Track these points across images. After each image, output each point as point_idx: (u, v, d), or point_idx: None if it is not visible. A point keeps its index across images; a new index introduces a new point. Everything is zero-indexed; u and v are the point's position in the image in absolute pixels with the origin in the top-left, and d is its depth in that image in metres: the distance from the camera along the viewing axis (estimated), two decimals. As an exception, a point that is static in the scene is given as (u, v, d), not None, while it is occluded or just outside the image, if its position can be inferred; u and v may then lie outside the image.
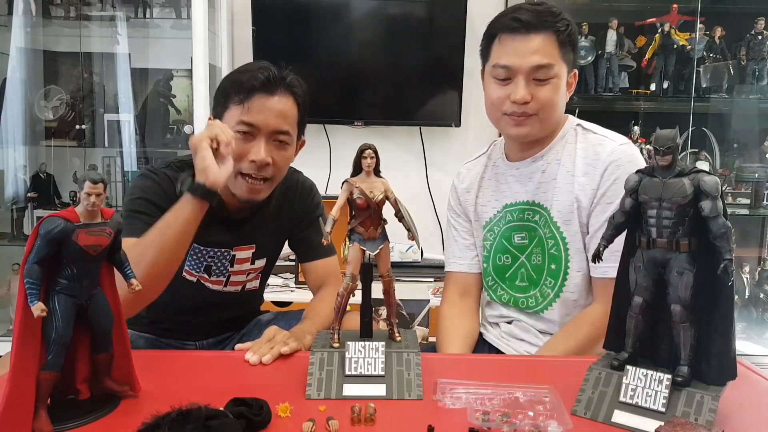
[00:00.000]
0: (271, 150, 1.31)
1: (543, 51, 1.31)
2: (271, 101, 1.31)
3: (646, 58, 2.81)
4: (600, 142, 1.37)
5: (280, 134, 1.33)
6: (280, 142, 1.33)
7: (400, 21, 2.79)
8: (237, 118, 1.30)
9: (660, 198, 0.86)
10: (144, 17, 2.70)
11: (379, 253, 1.02)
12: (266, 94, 1.31)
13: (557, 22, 1.32)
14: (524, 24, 1.31)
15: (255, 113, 1.29)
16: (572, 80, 1.41)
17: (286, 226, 1.53)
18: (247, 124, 1.29)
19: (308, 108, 1.42)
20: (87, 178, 0.81)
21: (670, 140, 0.85)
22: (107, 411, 0.89)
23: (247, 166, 1.30)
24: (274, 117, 1.31)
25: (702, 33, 2.76)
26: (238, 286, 1.49)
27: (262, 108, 1.30)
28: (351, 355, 0.99)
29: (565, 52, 1.34)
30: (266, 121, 1.30)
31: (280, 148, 1.34)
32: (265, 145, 1.30)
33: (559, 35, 1.32)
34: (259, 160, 1.29)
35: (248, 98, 1.29)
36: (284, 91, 1.34)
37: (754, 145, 2.87)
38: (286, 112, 1.34)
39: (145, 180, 1.35)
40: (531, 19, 1.31)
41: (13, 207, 2.76)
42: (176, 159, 1.40)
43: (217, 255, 1.41)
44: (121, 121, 2.78)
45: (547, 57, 1.31)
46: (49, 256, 0.80)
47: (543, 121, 1.36)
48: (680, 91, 2.82)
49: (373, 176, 1.01)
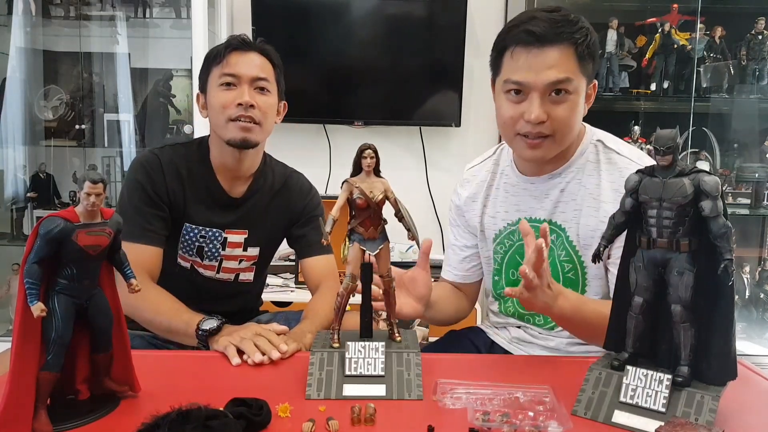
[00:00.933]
0: (253, 95, 1.44)
1: (559, 65, 1.20)
2: (247, 56, 1.46)
3: (647, 57, 2.81)
4: (627, 166, 1.25)
5: (260, 80, 1.46)
6: (261, 89, 1.46)
7: (400, 21, 2.78)
8: (219, 73, 1.45)
9: (660, 198, 0.86)
10: (144, 17, 2.70)
11: (379, 253, 1.02)
12: (242, 51, 1.46)
13: (575, 33, 1.20)
14: (538, 37, 1.19)
15: (233, 65, 1.44)
16: (591, 92, 1.30)
17: (281, 219, 1.57)
18: (227, 75, 1.44)
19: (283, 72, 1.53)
20: (87, 178, 0.81)
21: (670, 140, 0.85)
22: (107, 411, 0.89)
23: (234, 110, 1.42)
24: (252, 66, 1.45)
25: (702, 33, 2.76)
26: (231, 274, 1.54)
27: (238, 61, 1.45)
28: (351, 355, 0.99)
29: (584, 64, 1.23)
30: (245, 70, 1.44)
31: (261, 94, 1.46)
32: (248, 90, 1.44)
33: (578, 47, 1.21)
34: (244, 101, 1.42)
35: (226, 55, 1.45)
36: (258, 51, 1.48)
37: (754, 145, 2.87)
38: (262, 65, 1.47)
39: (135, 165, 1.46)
40: (546, 31, 1.19)
41: (13, 207, 2.76)
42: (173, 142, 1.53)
43: (209, 235, 1.49)
44: (120, 121, 2.77)
45: (564, 71, 1.20)
46: (48, 256, 0.80)
47: (559, 142, 1.26)
48: (680, 91, 2.81)
49: (373, 176, 1.01)
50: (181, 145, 1.53)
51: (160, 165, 1.46)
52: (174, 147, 1.51)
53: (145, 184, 1.43)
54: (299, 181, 1.62)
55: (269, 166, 1.59)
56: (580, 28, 1.22)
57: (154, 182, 1.44)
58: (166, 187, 1.45)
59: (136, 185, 1.44)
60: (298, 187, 1.60)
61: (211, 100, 1.47)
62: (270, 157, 1.62)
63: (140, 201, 1.43)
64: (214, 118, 1.47)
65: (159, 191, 1.44)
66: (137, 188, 1.43)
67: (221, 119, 1.44)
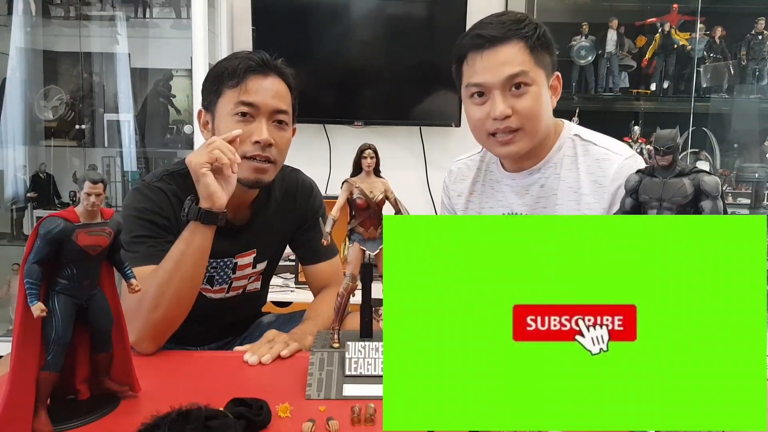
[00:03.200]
0: (271, 130, 1.30)
1: (513, 61, 1.25)
2: (266, 82, 1.31)
3: (647, 58, 2.81)
4: (605, 157, 1.31)
5: (279, 113, 1.31)
6: (279, 123, 1.32)
7: (400, 21, 2.78)
8: (235, 100, 1.28)
9: (660, 198, 0.86)
10: (144, 17, 2.70)
11: (379, 253, 1.02)
12: (261, 75, 1.30)
13: (522, 29, 1.26)
14: (488, 39, 1.26)
15: (253, 93, 1.28)
16: (556, 83, 1.35)
17: (287, 227, 1.50)
18: (246, 104, 1.28)
19: (298, 96, 1.40)
20: (87, 178, 0.81)
21: (670, 140, 0.85)
22: (107, 411, 0.89)
23: (250, 148, 1.27)
24: (272, 97, 1.30)
25: (702, 33, 2.76)
26: (240, 290, 1.47)
27: (258, 88, 1.29)
28: (351, 355, 0.99)
29: (538, 56, 1.28)
30: (265, 101, 1.29)
31: (279, 129, 1.32)
32: (267, 125, 1.29)
33: (528, 40, 1.26)
34: (263, 140, 1.27)
35: (244, 80, 1.28)
36: (276, 74, 1.33)
37: (754, 145, 2.87)
38: (282, 93, 1.33)
39: (140, 198, 1.30)
40: (494, 32, 1.26)
41: (13, 207, 2.76)
42: (167, 170, 1.36)
43: (220, 265, 1.38)
44: (120, 121, 2.77)
45: (519, 65, 1.25)
46: (49, 256, 0.80)
47: (530, 135, 1.30)
48: (680, 91, 2.81)
49: (373, 176, 1.01)
50: (179, 175, 1.33)
51: (166, 197, 1.30)
52: (173, 177, 1.33)
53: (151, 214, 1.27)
54: (300, 182, 1.52)
55: None
56: (528, 24, 1.28)
57: (162, 213, 1.29)
58: (176, 220, 1.28)
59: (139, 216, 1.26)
60: (301, 189, 1.51)
61: (222, 127, 1.29)
62: None
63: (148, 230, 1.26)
64: None
65: (167, 224, 1.29)
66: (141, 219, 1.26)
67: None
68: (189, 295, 1.20)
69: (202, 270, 1.22)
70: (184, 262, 1.17)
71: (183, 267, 1.17)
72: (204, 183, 1.16)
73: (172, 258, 1.18)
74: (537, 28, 1.28)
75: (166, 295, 1.15)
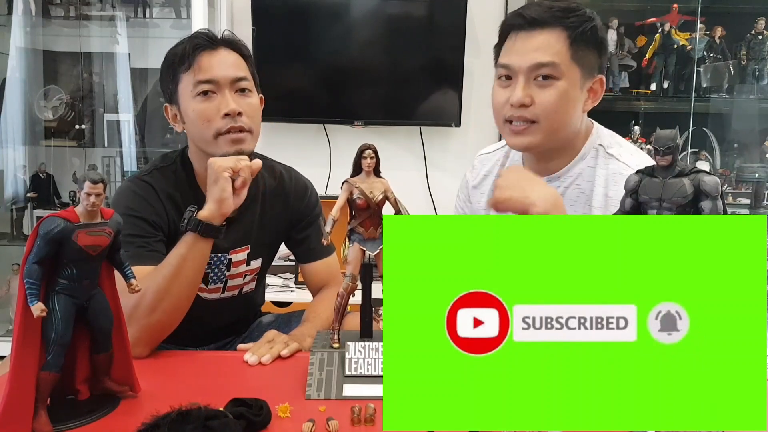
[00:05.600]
0: (236, 100, 1.28)
1: (546, 48, 1.18)
2: (217, 55, 1.29)
3: (647, 58, 2.81)
4: (621, 171, 1.23)
5: (239, 81, 1.30)
6: (242, 91, 1.30)
7: (400, 21, 2.78)
8: (192, 81, 1.27)
9: (660, 198, 0.86)
10: (144, 17, 2.70)
11: (379, 253, 1.02)
12: (210, 50, 1.29)
13: (568, 18, 1.19)
14: (528, 20, 1.20)
15: (207, 69, 1.27)
16: (598, 87, 1.26)
17: (281, 225, 1.49)
18: (204, 81, 1.27)
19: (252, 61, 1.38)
20: (87, 178, 0.81)
21: (670, 140, 0.85)
22: (107, 411, 0.89)
23: (222, 123, 1.26)
24: (227, 67, 1.29)
25: (702, 33, 2.76)
26: (236, 290, 1.45)
27: (211, 63, 1.28)
28: (351, 355, 0.99)
29: (578, 52, 1.20)
30: (222, 73, 1.28)
31: (244, 97, 1.31)
32: (230, 95, 1.28)
33: (571, 31, 1.18)
34: (231, 110, 1.26)
35: (195, 59, 1.27)
36: (225, 46, 1.32)
37: (754, 145, 2.87)
38: (236, 62, 1.31)
39: (130, 196, 1.29)
40: (536, 14, 1.19)
41: (13, 207, 2.76)
42: (156, 165, 1.36)
43: (213, 261, 1.37)
44: (120, 121, 2.77)
45: (551, 55, 1.18)
46: (48, 256, 0.80)
47: (547, 132, 1.22)
48: (680, 91, 2.82)
49: (373, 176, 1.01)
50: (168, 168, 1.35)
51: (155, 193, 1.30)
52: (162, 171, 1.34)
53: (141, 212, 1.27)
54: (294, 179, 1.50)
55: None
56: (578, 15, 1.20)
57: (152, 210, 1.28)
58: (166, 217, 1.30)
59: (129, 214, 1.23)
60: (294, 187, 1.49)
61: (189, 112, 1.29)
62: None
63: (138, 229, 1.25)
64: (197, 134, 1.30)
65: (158, 221, 1.28)
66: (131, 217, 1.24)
67: (207, 134, 1.28)
68: (186, 301, 1.20)
69: (200, 277, 1.23)
70: (183, 272, 1.17)
71: (182, 275, 1.17)
72: (221, 186, 1.16)
73: (171, 265, 1.17)
74: (586, 21, 1.20)
75: (164, 302, 1.15)
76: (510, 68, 1.22)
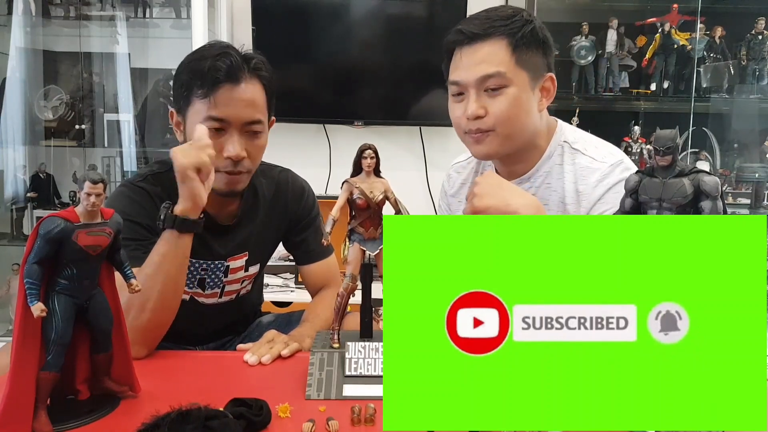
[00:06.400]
0: (244, 142, 1.24)
1: (490, 59, 1.21)
2: (237, 91, 1.22)
3: (647, 58, 2.81)
4: (588, 165, 1.27)
5: (252, 124, 1.25)
6: (253, 133, 1.26)
7: (400, 21, 2.78)
8: (204, 114, 1.21)
9: (660, 198, 0.86)
10: (144, 17, 2.70)
11: (379, 253, 1.02)
12: (231, 83, 1.21)
13: (508, 25, 1.21)
14: (468, 35, 1.22)
15: (223, 107, 1.21)
16: (549, 84, 1.28)
17: (279, 229, 1.48)
18: (216, 119, 1.21)
19: (275, 87, 1.32)
20: (87, 178, 0.81)
21: (670, 140, 0.85)
22: (107, 411, 0.89)
23: (222, 162, 1.23)
24: (244, 108, 1.23)
25: (702, 33, 2.76)
26: (233, 295, 1.45)
27: (229, 100, 1.21)
28: (351, 355, 0.99)
29: (522, 56, 1.22)
30: (236, 114, 1.22)
31: (253, 139, 1.26)
32: (238, 138, 1.23)
33: (511, 38, 1.21)
34: (234, 156, 1.23)
35: (213, 91, 1.20)
36: (250, 77, 1.24)
37: (754, 145, 2.87)
38: (255, 100, 1.25)
39: (124, 201, 1.27)
40: (475, 28, 1.22)
41: (13, 207, 2.76)
42: (152, 170, 1.34)
43: (211, 267, 1.36)
44: (120, 121, 2.77)
45: (495, 65, 1.20)
46: (48, 256, 0.80)
47: (504, 138, 1.25)
48: (680, 91, 2.82)
49: (373, 176, 1.01)
50: (164, 174, 1.30)
51: (150, 198, 1.28)
52: (157, 177, 1.31)
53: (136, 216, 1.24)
54: (291, 182, 1.48)
55: (255, 175, 1.39)
56: (516, 21, 1.22)
57: (146, 215, 1.26)
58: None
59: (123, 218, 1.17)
60: (291, 190, 1.47)
61: (192, 135, 1.22)
62: None
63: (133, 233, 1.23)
64: None
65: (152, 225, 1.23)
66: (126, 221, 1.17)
67: None
68: (174, 299, 1.18)
69: (184, 272, 1.20)
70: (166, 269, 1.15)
71: (164, 273, 1.14)
72: (189, 186, 1.12)
73: (153, 263, 1.15)
74: (525, 25, 1.22)
75: (151, 301, 1.13)
76: (460, 84, 1.26)
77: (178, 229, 1.14)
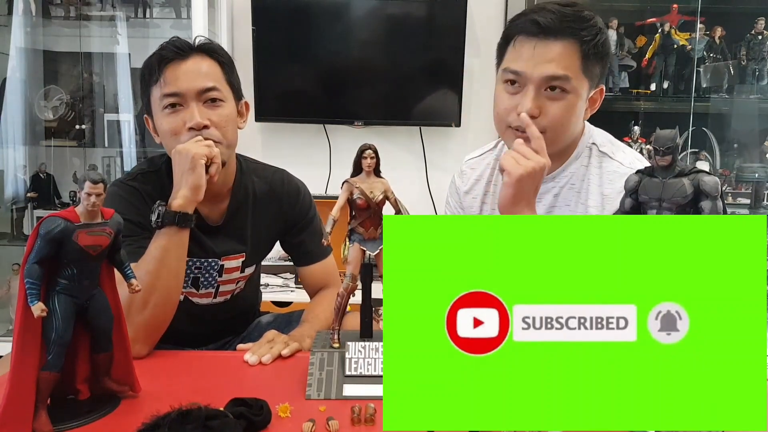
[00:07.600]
0: (204, 112, 1.24)
1: (560, 60, 1.16)
2: (185, 65, 1.24)
3: (646, 58, 2.81)
4: (616, 170, 1.24)
5: (208, 91, 1.24)
6: (212, 101, 1.25)
7: (400, 21, 2.78)
8: (159, 95, 1.23)
9: (660, 198, 0.86)
10: (144, 17, 2.70)
11: (379, 253, 1.02)
12: (178, 60, 1.24)
13: (583, 30, 1.16)
14: (543, 28, 1.15)
15: (172, 82, 1.23)
16: (597, 97, 1.26)
17: (274, 229, 1.47)
18: (169, 95, 1.23)
19: (234, 67, 1.32)
20: (87, 178, 0.81)
21: (670, 140, 0.85)
22: (107, 411, 0.89)
23: (186, 136, 1.22)
24: (195, 77, 1.24)
25: (702, 33, 2.76)
26: (228, 295, 1.45)
27: (177, 75, 1.23)
28: (351, 355, 0.99)
29: (588, 65, 1.18)
30: (187, 85, 1.23)
31: (214, 107, 1.25)
32: (197, 107, 1.23)
33: (584, 45, 1.16)
34: (195, 124, 1.22)
35: (161, 72, 1.23)
36: (197, 54, 1.26)
37: (754, 145, 2.87)
38: (206, 71, 1.26)
39: (116, 200, 1.25)
40: (552, 23, 1.15)
41: (13, 207, 2.76)
42: (142, 169, 1.35)
43: (204, 266, 1.36)
44: (121, 121, 2.77)
45: (564, 68, 1.16)
46: (49, 256, 0.81)
47: (550, 141, 1.18)
48: (680, 91, 2.82)
49: (373, 176, 1.01)
50: (153, 173, 1.34)
51: (141, 196, 1.29)
52: (146, 175, 1.33)
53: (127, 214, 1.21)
54: (285, 183, 1.46)
55: (246, 174, 1.40)
56: (591, 26, 1.18)
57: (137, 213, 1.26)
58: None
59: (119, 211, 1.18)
60: (286, 191, 1.45)
61: (159, 126, 1.27)
62: (245, 162, 1.43)
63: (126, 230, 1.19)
64: (169, 147, 1.27)
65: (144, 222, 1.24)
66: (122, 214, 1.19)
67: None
68: (175, 293, 1.20)
69: (183, 267, 1.22)
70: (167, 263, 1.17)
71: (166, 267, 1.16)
72: (199, 173, 1.16)
73: (155, 259, 1.16)
74: (599, 34, 1.19)
75: (153, 296, 1.15)
76: (520, 75, 1.19)
77: (178, 224, 1.16)
